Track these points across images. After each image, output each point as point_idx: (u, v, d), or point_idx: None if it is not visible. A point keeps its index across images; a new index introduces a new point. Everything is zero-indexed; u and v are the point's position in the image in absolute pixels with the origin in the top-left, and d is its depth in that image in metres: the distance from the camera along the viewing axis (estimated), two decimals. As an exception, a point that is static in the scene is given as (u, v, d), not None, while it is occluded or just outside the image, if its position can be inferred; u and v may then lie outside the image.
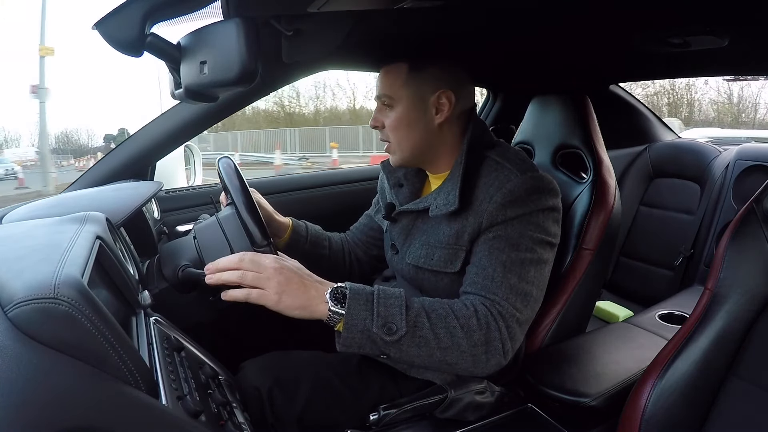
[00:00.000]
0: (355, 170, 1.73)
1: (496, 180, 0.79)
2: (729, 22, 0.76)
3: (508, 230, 0.76)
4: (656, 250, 1.67)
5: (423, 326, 0.69)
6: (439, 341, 0.69)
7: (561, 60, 1.15)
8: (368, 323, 0.68)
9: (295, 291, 0.67)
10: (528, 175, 0.78)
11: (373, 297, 0.70)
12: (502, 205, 0.76)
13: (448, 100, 0.84)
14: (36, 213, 0.81)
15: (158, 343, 0.59)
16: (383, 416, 0.79)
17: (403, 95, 0.84)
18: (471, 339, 0.70)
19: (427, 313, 0.71)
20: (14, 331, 0.40)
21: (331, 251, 1.06)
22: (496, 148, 0.85)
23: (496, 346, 0.71)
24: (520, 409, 0.89)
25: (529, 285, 0.75)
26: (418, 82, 0.83)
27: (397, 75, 0.84)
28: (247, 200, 0.80)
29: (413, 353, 0.70)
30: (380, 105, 0.87)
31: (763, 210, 0.71)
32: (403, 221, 0.91)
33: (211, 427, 0.52)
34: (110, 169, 1.15)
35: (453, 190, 0.81)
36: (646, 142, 1.81)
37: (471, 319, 0.71)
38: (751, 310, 0.69)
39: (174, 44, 0.61)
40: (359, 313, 0.68)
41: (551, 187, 0.81)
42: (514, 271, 0.74)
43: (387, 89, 0.85)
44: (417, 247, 0.86)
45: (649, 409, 0.70)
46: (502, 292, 0.73)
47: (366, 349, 0.70)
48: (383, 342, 0.68)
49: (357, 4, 0.64)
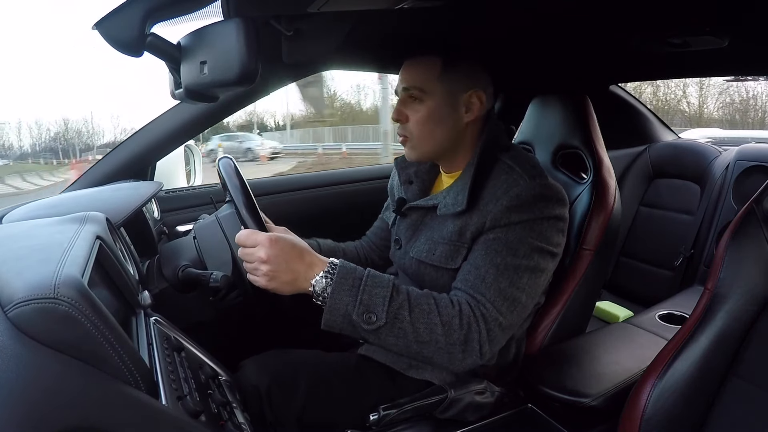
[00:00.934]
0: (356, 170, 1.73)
1: (505, 183, 0.78)
2: (729, 22, 0.76)
3: (509, 234, 0.76)
4: (656, 251, 1.67)
5: (403, 319, 0.70)
6: (417, 335, 0.70)
7: (561, 60, 1.15)
8: (350, 309, 0.69)
9: (282, 276, 0.69)
10: (537, 181, 0.78)
11: (360, 282, 0.70)
12: (507, 209, 0.76)
13: (479, 100, 0.84)
14: (36, 213, 0.81)
15: (158, 343, 0.59)
16: (383, 416, 0.79)
17: (437, 90, 0.82)
18: (450, 337, 0.70)
19: (411, 307, 0.71)
20: (14, 331, 0.40)
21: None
22: (510, 152, 0.85)
23: (473, 347, 0.71)
24: (520, 409, 0.89)
25: (519, 291, 0.75)
26: (453, 78, 0.82)
27: (431, 68, 0.82)
28: (247, 200, 0.80)
29: (390, 342, 0.71)
30: (405, 97, 0.85)
31: (763, 210, 0.71)
32: (412, 217, 0.91)
33: (211, 427, 0.52)
34: (110, 169, 1.15)
35: (462, 191, 0.81)
36: (646, 142, 1.80)
37: (454, 318, 0.71)
38: (751, 310, 0.69)
39: (174, 44, 0.61)
40: (342, 297, 0.69)
41: (559, 197, 0.80)
42: (506, 275, 0.74)
43: (419, 81, 0.83)
44: (421, 243, 0.87)
45: (649, 409, 0.70)
46: (490, 294, 0.73)
47: (346, 332, 0.71)
48: (362, 329, 0.69)
49: (357, 4, 0.64)
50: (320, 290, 0.69)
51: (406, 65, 0.86)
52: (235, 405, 0.65)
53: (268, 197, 1.42)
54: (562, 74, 1.30)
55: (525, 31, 0.91)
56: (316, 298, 0.70)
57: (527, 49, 1.05)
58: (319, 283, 0.69)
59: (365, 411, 0.80)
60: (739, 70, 1.25)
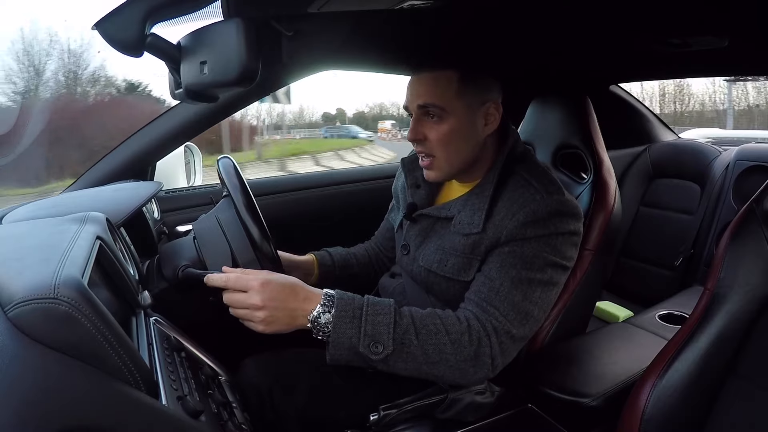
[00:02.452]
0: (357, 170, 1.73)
1: (521, 198, 0.77)
2: (729, 22, 0.76)
3: (524, 248, 0.75)
4: (656, 251, 1.67)
5: (410, 343, 0.69)
6: (427, 357, 0.70)
7: (561, 60, 1.15)
8: (354, 341, 0.68)
9: (280, 318, 0.67)
10: (554, 197, 0.77)
11: (361, 313, 0.69)
12: (523, 224, 0.75)
13: (496, 111, 0.82)
14: (36, 213, 0.81)
15: (158, 343, 0.59)
16: (383, 416, 0.79)
17: (458, 106, 0.79)
18: (460, 354, 0.70)
19: (416, 329, 0.70)
20: (14, 332, 0.40)
21: (359, 268, 1.06)
22: (526, 163, 0.83)
23: (485, 360, 0.71)
24: (520, 410, 0.89)
25: (532, 305, 0.75)
26: (471, 92, 0.80)
27: (448, 84, 0.79)
28: (247, 200, 0.80)
29: (400, 367, 0.70)
30: (419, 115, 0.81)
31: (763, 210, 0.71)
32: (422, 223, 0.89)
33: (211, 428, 0.52)
34: (110, 169, 1.15)
35: (479, 211, 0.79)
36: (646, 142, 1.81)
37: (463, 335, 0.71)
38: (751, 310, 0.69)
39: (174, 44, 0.61)
40: (345, 330, 0.68)
41: (575, 211, 0.79)
42: (520, 289, 0.74)
43: (437, 99, 0.78)
44: (432, 251, 0.85)
45: (649, 410, 0.70)
46: (503, 307, 0.73)
47: (354, 363, 0.70)
48: (369, 359, 0.69)
49: (357, 4, 0.64)
50: (321, 326, 0.68)
51: (419, 80, 0.81)
52: (235, 405, 0.65)
53: (268, 197, 1.42)
54: (562, 74, 1.30)
55: (525, 32, 0.91)
56: (317, 333, 0.69)
57: (527, 49, 1.05)
58: (319, 319, 0.68)
59: (365, 410, 0.80)
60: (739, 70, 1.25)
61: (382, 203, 1.13)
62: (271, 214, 1.06)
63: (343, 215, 1.50)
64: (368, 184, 1.62)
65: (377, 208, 1.16)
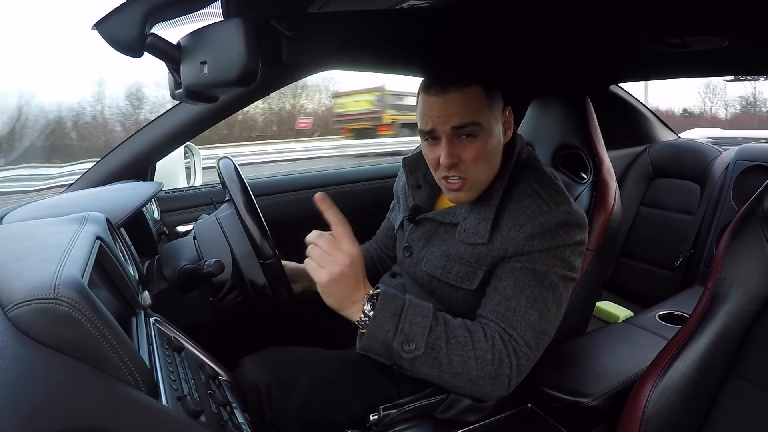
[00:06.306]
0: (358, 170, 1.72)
1: (528, 208, 0.76)
2: (729, 22, 0.76)
3: (536, 264, 0.75)
4: (656, 251, 1.67)
5: (440, 350, 0.70)
6: (451, 366, 0.70)
7: (561, 60, 1.15)
8: (389, 336, 0.69)
9: (344, 287, 0.69)
10: (561, 209, 0.76)
11: (401, 311, 0.70)
12: (531, 236, 0.75)
13: (510, 116, 0.82)
14: (36, 213, 0.81)
15: (158, 343, 0.59)
16: (383, 416, 0.79)
17: (490, 119, 0.76)
18: (482, 371, 0.71)
19: (447, 338, 0.71)
20: (14, 332, 0.40)
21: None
22: (533, 170, 0.82)
23: (503, 381, 0.72)
24: (520, 410, 0.89)
25: (547, 323, 0.75)
26: (495, 101, 0.78)
27: (478, 98, 0.75)
28: (247, 200, 0.80)
29: (424, 372, 0.71)
30: (452, 136, 0.75)
31: (763, 210, 0.71)
32: (425, 226, 0.89)
33: (211, 428, 0.52)
34: (110, 170, 1.15)
35: (484, 221, 0.78)
36: (646, 142, 1.81)
37: (487, 353, 0.71)
38: (751, 310, 0.69)
39: (174, 44, 0.61)
40: (383, 324, 0.69)
41: (581, 222, 0.79)
42: (536, 308, 0.74)
43: (474, 116, 0.74)
44: (435, 256, 0.85)
45: (649, 409, 0.70)
46: (521, 327, 0.73)
47: (382, 358, 0.71)
48: (399, 356, 0.70)
49: (357, 4, 0.64)
50: (362, 315, 0.69)
51: (446, 100, 0.75)
52: (235, 405, 0.65)
53: (268, 197, 1.42)
54: (562, 74, 1.30)
55: (525, 32, 0.91)
56: (358, 323, 0.70)
57: (527, 49, 1.05)
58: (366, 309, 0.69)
59: (365, 409, 0.80)
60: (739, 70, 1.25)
61: (384, 204, 1.13)
62: (272, 214, 1.06)
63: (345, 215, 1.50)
64: (370, 184, 1.62)
65: (379, 208, 1.16)
